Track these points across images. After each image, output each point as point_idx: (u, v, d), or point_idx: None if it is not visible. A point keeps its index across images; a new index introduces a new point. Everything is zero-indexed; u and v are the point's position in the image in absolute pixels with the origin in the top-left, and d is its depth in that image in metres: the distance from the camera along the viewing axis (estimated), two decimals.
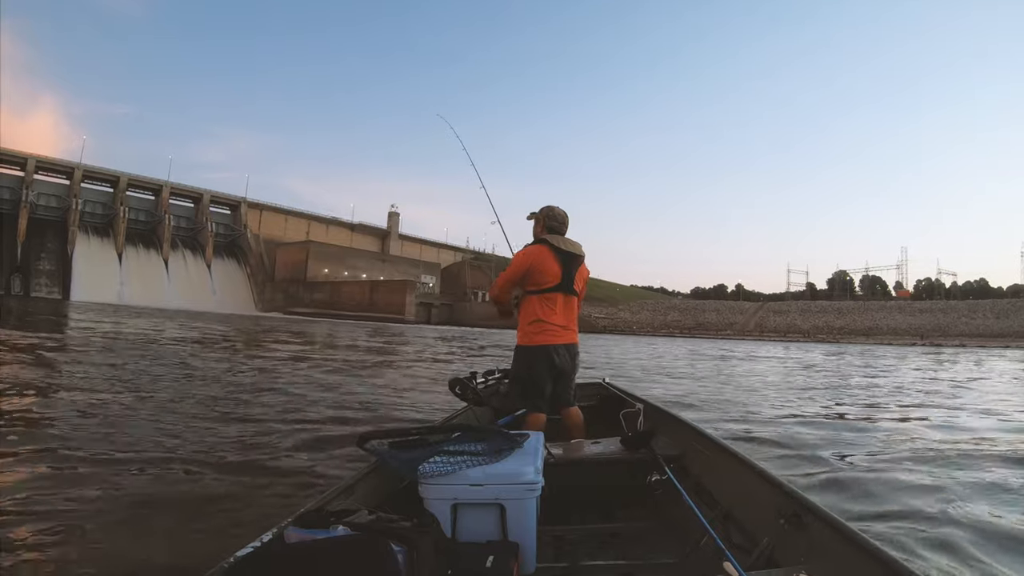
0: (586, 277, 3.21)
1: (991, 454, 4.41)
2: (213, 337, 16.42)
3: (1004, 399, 8.84)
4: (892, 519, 2.92)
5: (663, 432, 2.83)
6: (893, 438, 5.10)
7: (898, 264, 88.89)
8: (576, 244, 3.14)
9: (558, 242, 3.06)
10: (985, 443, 4.92)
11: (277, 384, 7.14)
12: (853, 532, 1.37)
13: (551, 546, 2.11)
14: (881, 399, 8.45)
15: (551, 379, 3.04)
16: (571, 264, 3.05)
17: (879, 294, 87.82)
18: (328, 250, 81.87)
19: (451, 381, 3.55)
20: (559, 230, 3.14)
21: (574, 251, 3.09)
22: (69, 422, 4.34)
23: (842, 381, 11.59)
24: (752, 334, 67.12)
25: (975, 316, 65.85)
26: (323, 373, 8.82)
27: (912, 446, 4.69)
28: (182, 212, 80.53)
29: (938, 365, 19.05)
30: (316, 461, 3.66)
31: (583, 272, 3.15)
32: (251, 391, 6.37)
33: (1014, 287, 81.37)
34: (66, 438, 3.87)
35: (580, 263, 3.11)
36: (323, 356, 12.60)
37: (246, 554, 1.28)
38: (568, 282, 3.04)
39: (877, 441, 4.93)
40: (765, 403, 7.52)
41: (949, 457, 4.23)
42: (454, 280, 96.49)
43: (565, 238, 3.12)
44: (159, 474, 3.27)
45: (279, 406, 5.47)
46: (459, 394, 3.52)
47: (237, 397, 5.86)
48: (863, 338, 60.22)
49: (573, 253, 3.08)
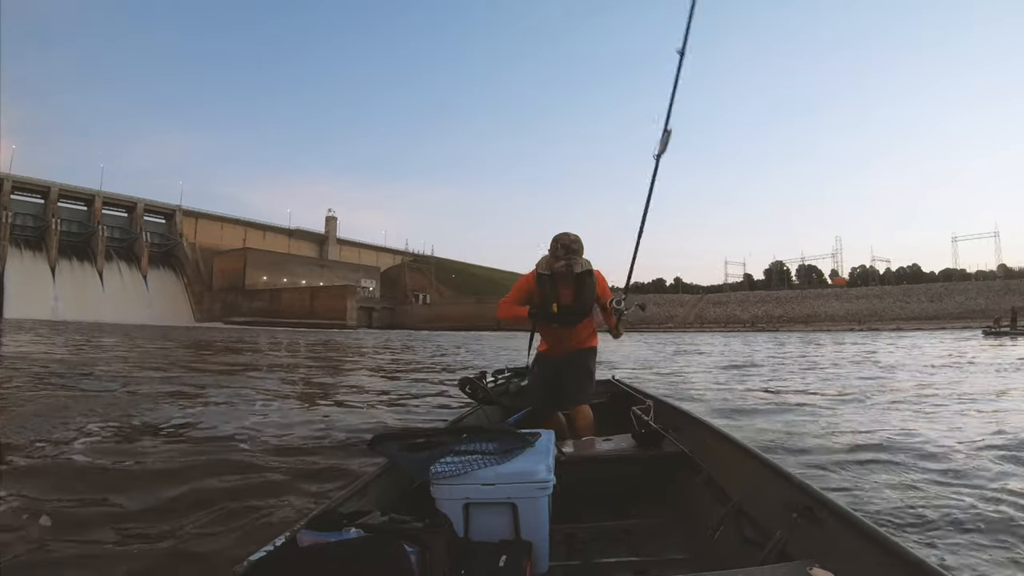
0: (599, 294, 3.12)
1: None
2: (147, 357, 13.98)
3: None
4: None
5: (673, 428, 2.79)
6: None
7: (833, 253, 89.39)
8: (578, 263, 3.01)
9: (543, 268, 3.06)
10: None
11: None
12: (866, 525, 1.36)
13: (564, 544, 2.10)
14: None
15: (554, 383, 3.18)
16: (550, 287, 3.05)
17: (816, 282, 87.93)
18: (266, 257, 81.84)
19: (461, 380, 3.53)
20: (556, 252, 3.02)
21: (569, 273, 3.00)
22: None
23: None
24: (693, 326, 67.81)
25: (910, 300, 66.99)
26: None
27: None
28: (116, 222, 78.87)
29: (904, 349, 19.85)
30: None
31: (594, 293, 3.10)
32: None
33: (946, 271, 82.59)
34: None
35: (586, 284, 3.06)
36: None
37: (259, 558, 1.27)
38: (564, 316, 3.07)
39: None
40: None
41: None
42: (394, 283, 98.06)
43: (559, 262, 2.99)
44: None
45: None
46: (469, 393, 3.50)
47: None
48: (802, 326, 60.70)
49: (552, 275, 3.03)
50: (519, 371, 3.88)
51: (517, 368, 3.93)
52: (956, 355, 15.33)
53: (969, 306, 60.28)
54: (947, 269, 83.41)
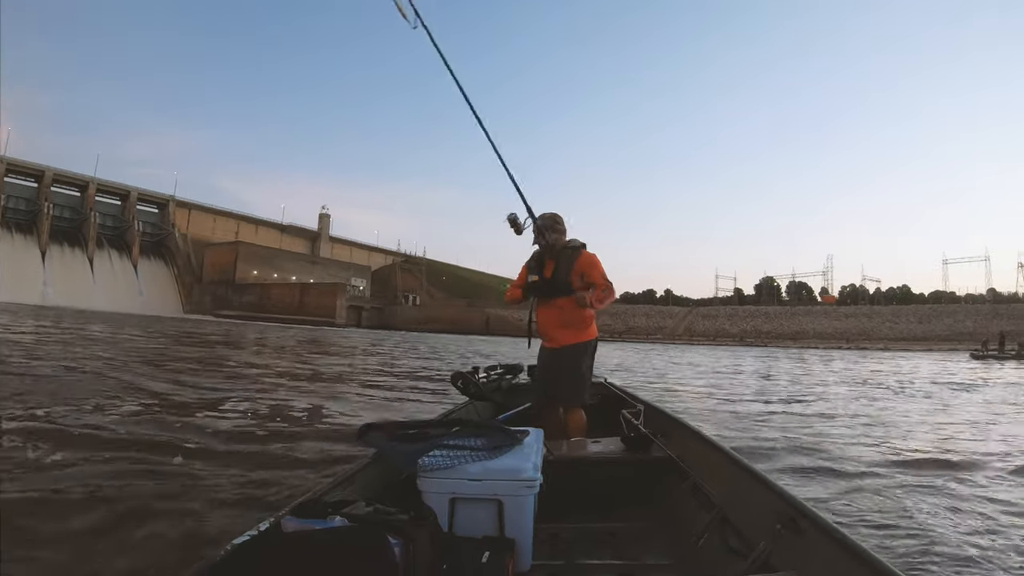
0: (580, 269, 3.08)
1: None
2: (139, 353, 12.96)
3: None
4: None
5: (662, 433, 2.81)
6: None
7: (824, 271, 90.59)
8: (557, 240, 3.09)
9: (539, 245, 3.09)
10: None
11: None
12: (849, 540, 1.37)
13: (548, 543, 2.11)
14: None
15: (547, 378, 3.18)
16: (535, 262, 3.10)
17: (805, 299, 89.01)
18: (258, 251, 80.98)
19: (453, 375, 3.49)
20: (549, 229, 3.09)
21: (551, 248, 3.04)
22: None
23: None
24: (682, 338, 68.02)
25: (899, 321, 68.15)
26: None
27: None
28: (108, 210, 77.78)
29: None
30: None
31: (572, 267, 3.07)
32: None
33: (935, 293, 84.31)
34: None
35: (566, 258, 3.08)
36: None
37: (243, 542, 1.27)
38: (543, 285, 3.07)
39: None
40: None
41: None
42: (385, 283, 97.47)
43: (554, 240, 3.08)
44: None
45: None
46: (461, 388, 3.47)
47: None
48: (790, 342, 60.90)
49: (546, 253, 3.06)
50: (511, 368, 3.86)
51: (509, 365, 3.89)
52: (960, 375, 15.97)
53: (957, 329, 60.84)
54: (937, 291, 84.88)
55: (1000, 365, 24.26)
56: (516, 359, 3.98)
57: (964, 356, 32.96)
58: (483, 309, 74.95)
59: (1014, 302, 72.39)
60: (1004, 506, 3.35)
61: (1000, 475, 4.20)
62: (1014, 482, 4.02)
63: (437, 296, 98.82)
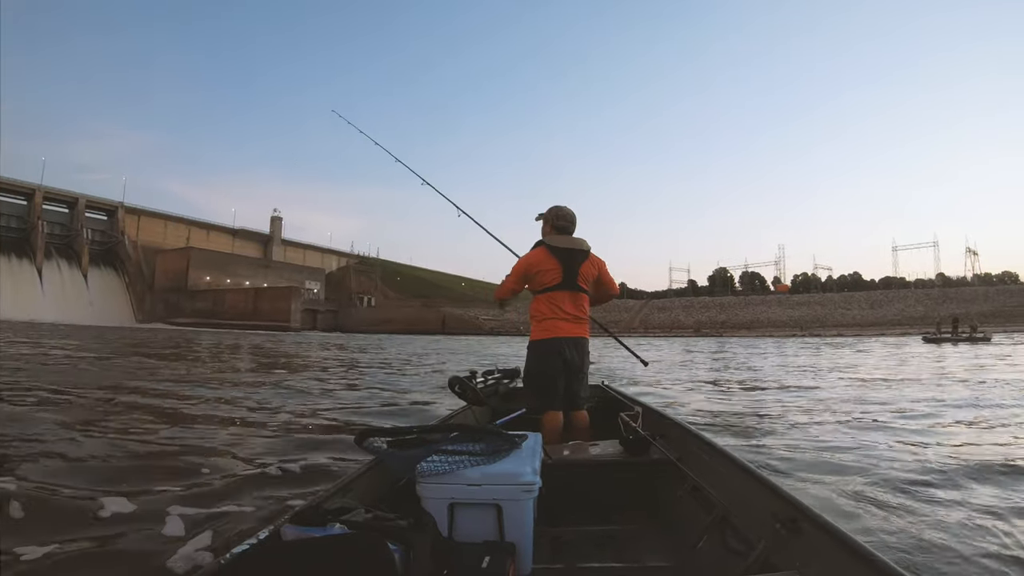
0: (596, 272, 3.20)
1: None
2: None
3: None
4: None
5: (661, 435, 2.78)
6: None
7: (776, 260, 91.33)
8: (579, 240, 3.18)
9: (556, 241, 3.14)
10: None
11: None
12: (850, 539, 1.36)
13: (548, 547, 2.10)
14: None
15: (563, 374, 3.10)
16: (572, 261, 3.11)
17: (759, 289, 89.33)
18: (210, 257, 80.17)
19: (451, 380, 3.48)
20: (567, 229, 3.19)
21: (576, 247, 3.13)
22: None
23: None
24: (638, 330, 66.82)
25: (851, 307, 68.13)
26: None
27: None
28: (56, 218, 76.49)
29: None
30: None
31: (590, 267, 3.16)
32: None
33: (886, 279, 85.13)
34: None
35: (584, 258, 3.14)
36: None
37: (242, 551, 1.26)
38: (571, 278, 3.10)
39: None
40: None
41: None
42: (339, 285, 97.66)
43: (567, 236, 3.17)
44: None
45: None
46: (459, 393, 3.46)
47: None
48: (745, 331, 60.78)
49: (574, 249, 3.13)
50: (509, 372, 3.83)
51: (507, 369, 3.85)
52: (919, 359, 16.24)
53: (908, 313, 61.86)
54: (887, 277, 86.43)
55: (955, 348, 24.12)
56: (514, 364, 3.93)
57: (917, 340, 32.86)
58: (439, 308, 76.32)
59: (963, 285, 73.73)
60: (1005, 503, 3.18)
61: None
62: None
63: (392, 297, 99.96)
